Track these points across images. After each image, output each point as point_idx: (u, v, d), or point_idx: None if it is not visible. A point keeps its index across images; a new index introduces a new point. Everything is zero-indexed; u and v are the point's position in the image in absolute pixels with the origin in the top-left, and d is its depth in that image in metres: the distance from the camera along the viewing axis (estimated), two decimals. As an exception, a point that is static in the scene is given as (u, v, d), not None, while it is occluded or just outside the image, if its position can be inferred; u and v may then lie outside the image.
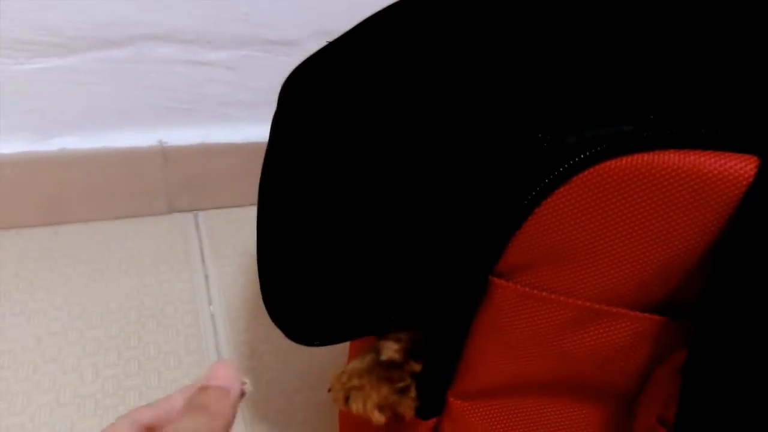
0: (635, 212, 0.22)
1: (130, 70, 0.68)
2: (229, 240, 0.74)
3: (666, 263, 0.23)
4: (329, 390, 0.33)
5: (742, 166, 0.22)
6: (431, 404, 0.29)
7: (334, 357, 0.52)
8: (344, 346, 0.48)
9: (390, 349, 0.29)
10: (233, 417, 0.27)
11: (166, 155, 0.73)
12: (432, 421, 0.30)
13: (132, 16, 0.65)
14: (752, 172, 0.21)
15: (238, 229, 0.75)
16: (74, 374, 0.55)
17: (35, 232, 0.71)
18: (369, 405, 0.30)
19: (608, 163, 0.22)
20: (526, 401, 0.28)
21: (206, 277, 0.68)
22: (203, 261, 0.71)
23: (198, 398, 0.27)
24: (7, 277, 0.65)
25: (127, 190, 0.74)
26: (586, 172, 0.22)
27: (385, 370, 0.30)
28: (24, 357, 0.56)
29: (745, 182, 0.22)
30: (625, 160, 0.22)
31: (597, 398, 0.27)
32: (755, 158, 0.22)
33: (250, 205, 0.67)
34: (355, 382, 0.31)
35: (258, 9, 0.69)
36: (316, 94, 0.34)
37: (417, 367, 0.29)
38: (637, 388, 0.26)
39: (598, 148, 0.22)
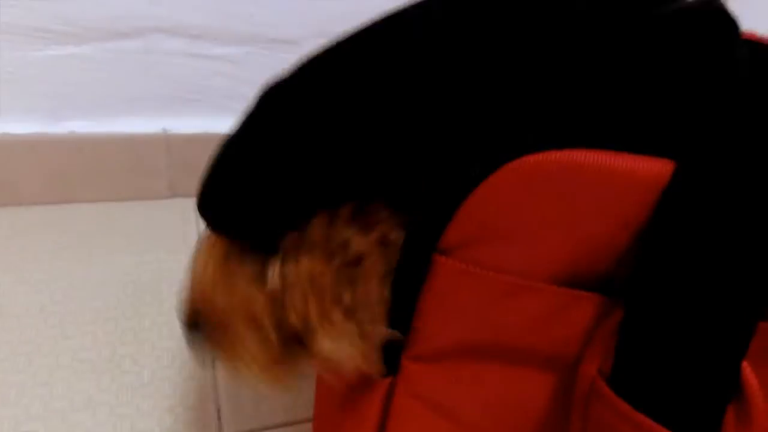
0: (554, 201, 0.26)
1: (140, 60, 0.73)
2: (224, 225, 0.78)
3: (580, 247, 0.27)
4: None
5: (656, 168, 0.25)
6: (389, 365, 0.33)
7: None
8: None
9: None
10: None
11: (169, 142, 0.78)
12: (388, 381, 0.34)
13: (143, 10, 0.70)
14: (667, 174, 0.25)
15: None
16: (73, 340, 0.59)
17: (43, 209, 0.76)
18: None
19: (532, 157, 0.25)
20: (470, 365, 0.32)
21: (201, 258, 0.72)
22: (199, 244, 0.75)
23: None
24: (16, 249, 0.69)
25: (130, 174, 0.78)
26: (513, 163, 0.25)
27: None
28: (27, 321, 0.60)
29: (658, 183, 0.25)
30: (545, 155, 0.25)
31: (541, 364, 0.31)
32: (670, 161, 0.25)
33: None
34: None
35: (263, 9, 0.73)
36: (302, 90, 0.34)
37: None
38: (580, 354, 0.30)
39: (523, 142, 0.26)
